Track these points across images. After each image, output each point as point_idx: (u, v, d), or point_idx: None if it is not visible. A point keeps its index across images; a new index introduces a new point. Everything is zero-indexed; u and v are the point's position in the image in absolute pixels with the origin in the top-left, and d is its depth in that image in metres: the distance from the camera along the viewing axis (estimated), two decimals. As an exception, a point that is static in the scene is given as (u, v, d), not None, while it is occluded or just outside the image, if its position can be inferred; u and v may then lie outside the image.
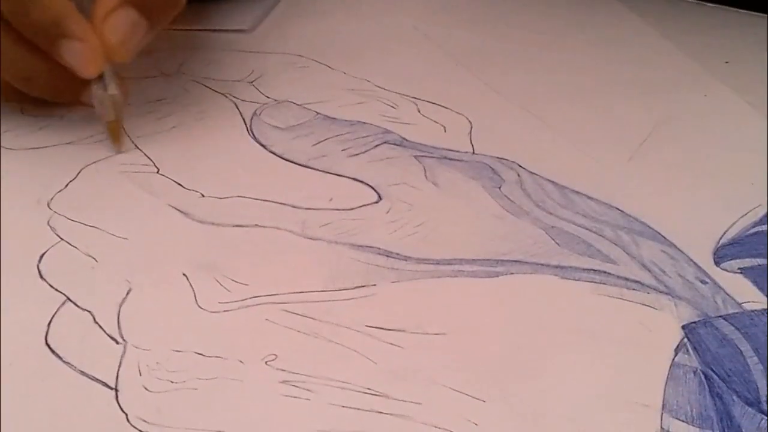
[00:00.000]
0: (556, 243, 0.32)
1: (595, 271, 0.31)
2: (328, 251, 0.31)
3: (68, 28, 0.34)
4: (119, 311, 0.29)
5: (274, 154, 0.37)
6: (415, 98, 0.40)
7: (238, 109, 0.39)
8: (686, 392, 0.26)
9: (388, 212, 0.33)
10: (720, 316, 0.29)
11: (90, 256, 0.31)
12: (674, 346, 0.28)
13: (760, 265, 0.31)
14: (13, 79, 0.36)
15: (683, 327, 0.28)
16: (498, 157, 0.36)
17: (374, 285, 0.30)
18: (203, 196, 0.34)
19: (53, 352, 0.27)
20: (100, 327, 0.28)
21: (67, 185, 0.34)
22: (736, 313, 0.29)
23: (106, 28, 0.34)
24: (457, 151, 0.37)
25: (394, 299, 0.29)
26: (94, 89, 0.35)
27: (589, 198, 0.34)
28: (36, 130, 0.37)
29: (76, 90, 0.36)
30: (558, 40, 0.46)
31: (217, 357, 0.27)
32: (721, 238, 0.32)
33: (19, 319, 0.28)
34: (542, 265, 0.31)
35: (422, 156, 0.36)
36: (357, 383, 0.26)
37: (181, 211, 0.33)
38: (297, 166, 0.36)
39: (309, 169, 0.36)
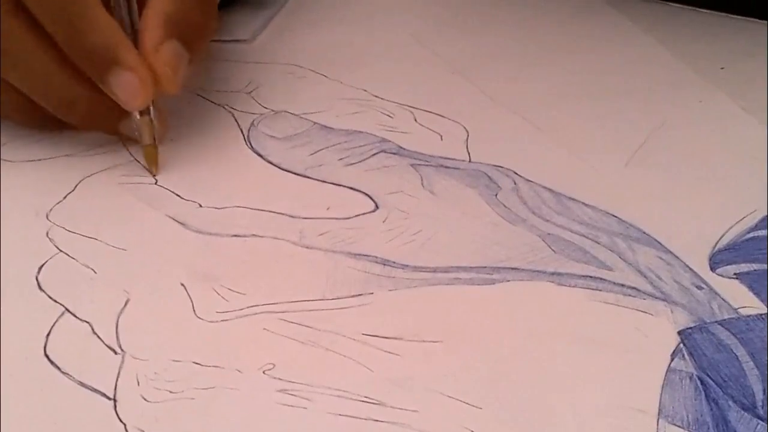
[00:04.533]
0: (553, 250, 0.32)
1: (592, 277, 0.31)
2: (325, 260, 0.31)
3: (122, 56, 0.33)
4: (118, 322, 0.29)
5: (271, 164, 0.37)
6: (412, 107, 0.40)
7: (235, 119, 0.40)
8: (682, 398, 0.26)
9: (385, 221, 0.33)
10: (716, 322, 0.29)
11: (88, 267, 0.31)
12: (670, 352, 0.28)
13: (756, 270, 0.31)
14: (52, 105, 0.35)
15: (679, 333, 0.29)
16: (494, 165, 0.36)
17: (371, 293, 0.30)
18: (201, 206, 0.34)
19: (52, 362, 0.27)
20: (99, 338, 0.28)
21: (65, 197, 0.35)
22: (732, 318, 0.29)
23: (157, 59, 0.34)
24: (454, 159, 0.37)
25: (391, 307, 0.30)
26: (134, 114, 0.35)
27: (585, 205, 0.34)
28: (34, 142, 0.37)
29: (116, 119, 0.36)
30: (554, 48, 0.46)
31: (215, 366, 0.27)
32: (716, 244, 0.32)
33: (18, 330, 0.29)
34: (539, 272, 0.31)
35: (419, 164, 0.37)
36: (354, 391, 0.26)
37: (179, 222, 0.33)
38: (294, 175, 0.36)
39: (306, 179, 0.36)
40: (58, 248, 0.32)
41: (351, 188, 0.35)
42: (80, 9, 0.33)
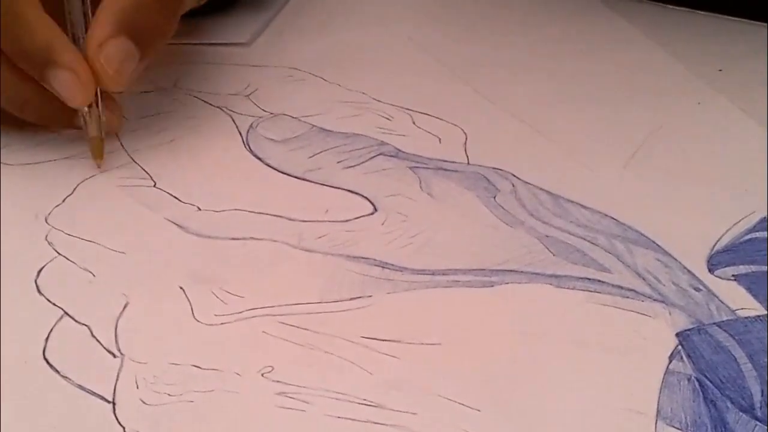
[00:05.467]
0: (551, 252, 0.32)
1: (590, 279, 0.31)
2: (324, 263, 0.32)
3: (58, 56, 0.33)
4: (116, 325, 0.29)
5: (270, 166, 0.37)
6: (410, 110, 0.40)
7: (234, 122, 0.40)
8: (681, 399, 0.26)
9: (383, 223, 0.33)
10: (714, 323, 0.29)
11: (87, 270, 0.31)
12: (668, 354, 0.28)
13: (754, 272, 0.31)
14: (8, 105, 0.36)
15: (677, 334, 0.29)
16: (493, 168, 0.36)
17: (370, 296, 0.30)
18: (200, 209, 0.34)
19: (51, 366, 0.27)
20: (98, 341, 0.28)
21: (64, 200, 0.35)
22: (730, 320, 0.29)
23: (100, 57, 0.34)
24: (452, 162, 0.37)
25: (389, 310, 0.30)
26: (82, 108, 0.35)
27: (584, 207, 0.34)
28: (33, 146, 0.38)
29: (69, 115, 0.36)
30: (552, 50, 0.46)
31: (213, 369, 0.27)
32: (714, 246, 0.32)
33: (18, 333, 0.29)
34: (537, 274, 0.31)
35: (417, 167, 0.37)
36: (353, 394, 0.26)
37: (178, 225, 0.33)
38: (293, 178, 0.36)
39: (305, 182, 0.36)
40: (57, 251, 0.32)
41: (349, 191, 0.35)
42: (13, 11, 0.33)
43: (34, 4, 0.34)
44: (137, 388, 0.27)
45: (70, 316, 0.29)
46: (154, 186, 0.35)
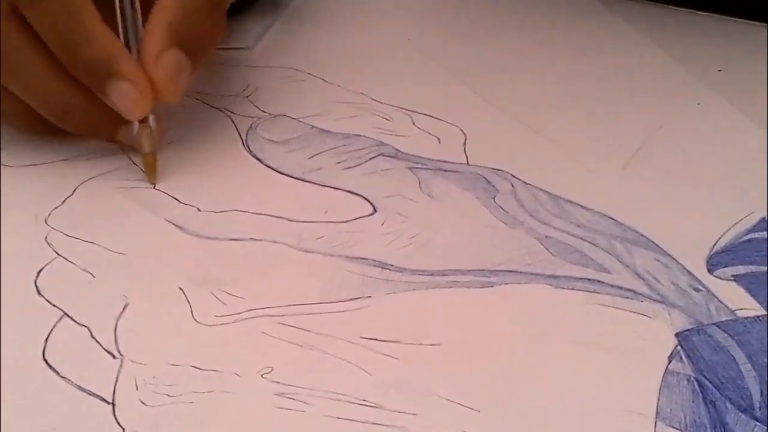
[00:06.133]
0: (550, 253, 0.32)
1: (589, 280, 0.31)
2: (323, 264, 0.32)
3: (120, 68, 0.33)
4: (116, 326, 0.29)
5: (269, 167, 0.37)
6: (410, 110, 0.40)
7: (233, 123, 0.40)
8: (680, 400, 0.26)
9: (383, 224, 0.34)
10: (713, 324, 0.29)
11: (87, 271, 0.31)
12: (668, 354, 0.28)
13: (753, 272, 0.31)
14: (49, 112, 0.35)
15: (677, 335, 0.29)
16: (492, 168, 0.36)
17: (369, 297, 0.30)
18: (199, 210, 0.34)
19: (51, 367, 0.27)
20: (97, 342, 0.28)
21: (64, 201, 0.35)
22: (730, 320, 0.29)
23: (156, 69, 0.34)
24: (452, 163, 0.37)
25: (389, 311, 0.30)
26: (134, 122, 0.35)
27: (583, 207, 0.34)
28: (33, 147, 0.38)
29: (113, 127, 0.36)
30: (551, 51, 0.46)
31: (213, 370, 0.27)
32: (714, 246, 0.32)
33: (17, 334, 0.29)
34: (536, 274, 0.31)
35: (417, 168, 0.37)
36: (352, 395, 0.26)
37: (178, 226, 0.33)
38: (292, 179, 0.36)
39: (304, 182, 0.36)
40: (56, 252, 0.32)
41: (349, 192, 0.35)
42: (76, 22, 0.33)
43: (96, 16, 0.33)
44: (137, 388, 0.27)
45: (70, 317, 0.29)
46: (154, 187, 0.35)
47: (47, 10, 0.33)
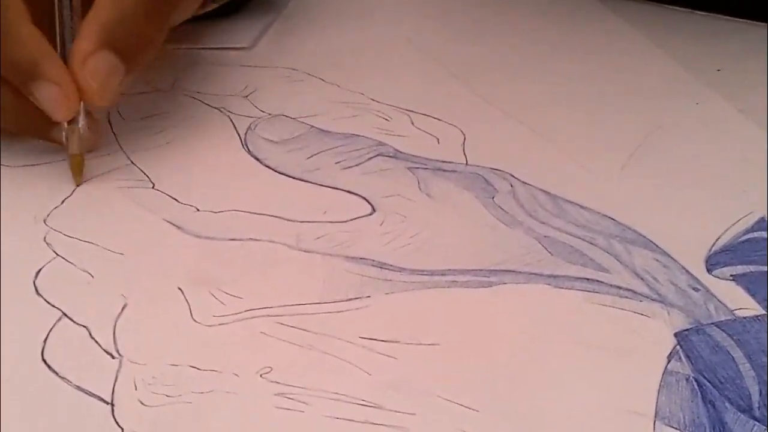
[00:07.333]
0: (549, 252, 0.32)
1: (588, 279, 0.31)
2: (322, 263, 0.32)
3: (44, 69, 0.33)
4: (115, 326, 0.29)
5: (268, 167, 0.37)
6: (409, 110, 0.40)
7: (232, 123, 0.40)
8: (679, 400, 0.26)
9: (381, 224, 0.34)
10: (712, 324, 0.29)
11: (86, 271, 0.31)
12: (667, 354, 0.28)
13: (752, 272, 0.31)
14: None
15: (676, 334, 0.29)
16: (491, 168, 0.36)
17: (368, 296, 0.30)
18: (198, 210, 0.34)
19: (50, 367, 0.27)
20: (96, 342, 0.28)
21: (63, 201, 0.35)
22: (729, 320, 0.29)
23: (84, 72, 0.34)
24: (451, 163, 0.37)
25: (388, 310, 0.30)
26: (62, 122, 0.35)
27: (582, 207, 0.34)
28: (32, 147, 0.38)
29: (45, 126, 0.36)
30: (550, 51, 0.46)
31: (212, 370, 0.27)
32: (713, 246, 0.32)
33: (16, 334, 0.29)
34: (535, 274, 0.31)
35: (416, 168, 0.37)
36: (351, 395, 0.26)
37: (177, 226, 0.33)
38: (291, 179, 0.36)
39: (303, 182, 0.36)
40: (55, 253, 0.32)
41: (348, 191, 0.35)
42: (2, 22, 0.33)
43: (24, 17, 0.33)
44: (136, 389, 0.27)
45: (69, 318, 0.29)
46: (153, 187, 0.35)
47: None
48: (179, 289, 0.30)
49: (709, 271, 0.31)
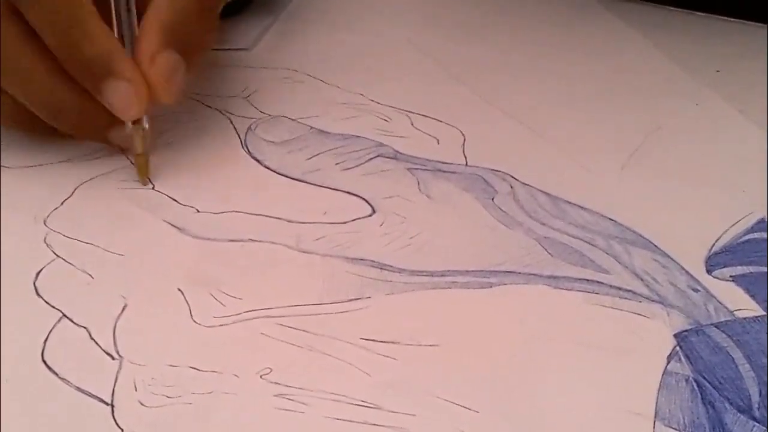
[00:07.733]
0: (549, 253, 0.32)
1: (588, 280, 0.31)
2: (322, 264, 0.32)
3: (118, 67, 0.33)
4: (115, 327, 0.29)
5: (268, 168, 0.37)
6: (409, 111, 0.40)
7: (232, 124, 0.40)
8: (679, 400, 0.26)
9: (381, 225, 0.34)
10: (712, 324, 0.29)
11: (86, 272, 0.31)
12: (666, 355, 0.28)
13: (752, 272, 0.31)
14: (42, 110, 0.35)
15: (675, 335, 0.29)
16: (491, 169, 0.37)
17: (368, 297, 0.30)
18: (198, 211, 0.34)
19: (50, 368, 0.27)
20: (96, 343, 0.28)
21: (63, 202, 0.35)
22: (728, 320, 0.29)
23: (152, 70, 0.34)
24: (451, 164, 0.37)
25: (388, 311, 0.30)
26: (127, 123, 0.35)
27: (582, 208, 0.34)
28: (32, 148, 0.37)
29: (106, 128, 0.36)
30: (550, 52, 0.46)
31: (212, 371, 0.27)
32: (713, 247, 0.32)
33: (16, 335, 0.29)
34: (535, 275, 0.31)
35: (416, 169, 0.37)
36: (351, 395, 0.26)
37: (177, 227, 0.33)
38: (291, 180, 0.36)
39: (303, 183, 0.36)
40: (55, 254, 0.32)
41: (348, 192, 0.35)
42: (76, 19, 0.33)
43: (95, 14, 0.33)
44: (136, 390, 0.27)
45: (69, 318, 0.29)
46: (153, 188, 0.35)
47: (47, 9, 0.33)
48: (179, 290, 0.30)
49: (708, 271, 0.31)
